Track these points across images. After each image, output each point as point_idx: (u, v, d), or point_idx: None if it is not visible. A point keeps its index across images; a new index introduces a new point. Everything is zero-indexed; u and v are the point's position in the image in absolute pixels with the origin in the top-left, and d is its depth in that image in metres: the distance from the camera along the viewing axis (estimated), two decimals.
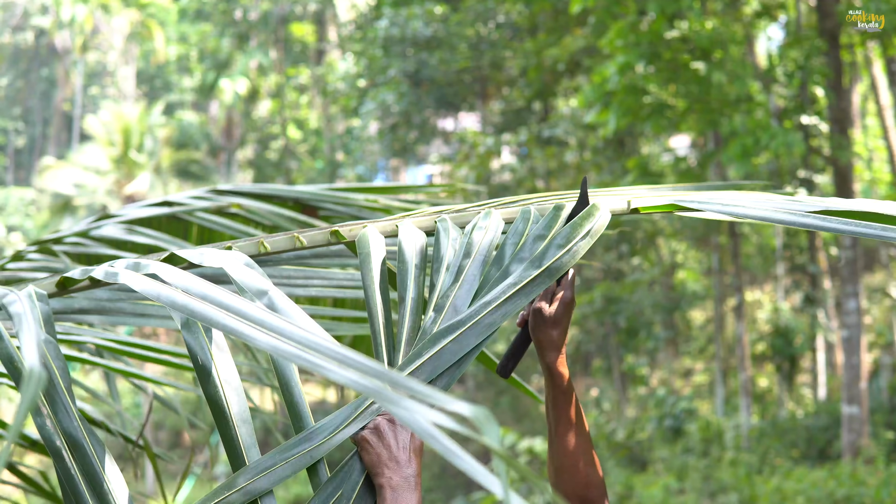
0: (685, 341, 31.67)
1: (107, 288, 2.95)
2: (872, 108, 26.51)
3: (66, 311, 2.95)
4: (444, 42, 27.43)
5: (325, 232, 2.43)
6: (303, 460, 1.91)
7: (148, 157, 40.26)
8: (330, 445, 1.94)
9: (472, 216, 2.47)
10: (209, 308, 1.72)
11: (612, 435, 24.01)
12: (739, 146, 15.52)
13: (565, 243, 2.23)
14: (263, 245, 2.36)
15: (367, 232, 2.36)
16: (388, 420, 2.01)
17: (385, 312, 2.18)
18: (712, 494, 18.69)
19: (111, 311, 2.97)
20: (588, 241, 2.25)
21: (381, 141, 30.73)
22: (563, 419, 2.40)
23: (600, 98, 17.00)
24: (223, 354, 2.10)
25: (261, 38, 41.37)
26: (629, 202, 2.43)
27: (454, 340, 2.05)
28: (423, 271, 2.29)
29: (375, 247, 2.31)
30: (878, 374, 21.78)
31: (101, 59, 59.41)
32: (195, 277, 1.86)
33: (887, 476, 15.55)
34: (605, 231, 2.31)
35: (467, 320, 2.08)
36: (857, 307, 17.52)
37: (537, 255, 2.21)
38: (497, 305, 2.11)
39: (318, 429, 1.95)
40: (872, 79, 20.76)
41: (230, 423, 2.01)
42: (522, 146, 26.60)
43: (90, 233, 4.14)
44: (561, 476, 2.41)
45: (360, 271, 2.26)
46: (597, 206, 2.35)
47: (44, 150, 58.14)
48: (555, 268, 2.18)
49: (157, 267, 1.96)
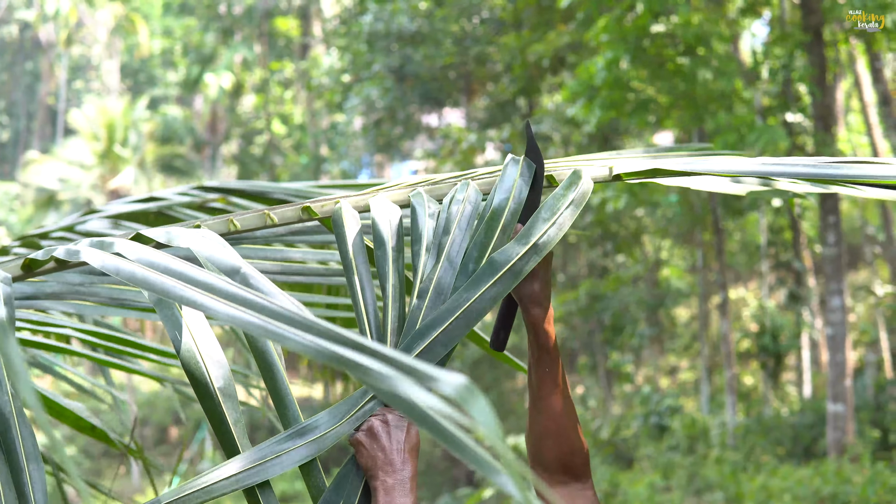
0: (670, 338, 31.72)
1: (79, 271, 2.89)
2: (856, 104, 26.53)
3: (38, 295, 2.87)
4: (429, 37, 27.37)
5: (297, 208, 2.37)
6: (295, 456, 1.87)
7: (132, 151, 40.19)
8: (324, 444, 1.90)
9: (448, 188, 2.41)
10: (169, 280, 1.64)
11: (598, 432, 24.02)
12: (723, 143, 15.52)
13: (551, 216, 2.16)
14: (233, 223, 2.30)
15: (342, 209, 2.29)
16: (381, 421, 1.97)
17: (371, 298, 2.13)
18: (698, 492, 18.69)
19: (86, 294, 2.89)
20: (573, 210, 2.18)
21: (366, 136, 30.66)
22: (547, 380, 2.29)
23: (585, 92, 16.97)
24: (203, 329, 2.04)
25: (245, 32, 41.31)
26: (611, 168, 2.36)
27: (444, 331, 2.00)
28: (402, 252, 2.23)
29: (350, 225, 2.25)
30: (862, 372, 21.81)
31: (85, 53, 59.23)
32: (159, 252, 1.79)
33: (873, 474, 15.56)
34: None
35: (455, 308, 2.02)
36: (842, 305, 17.51)
37: (523, 231, 2.14)
38: (486, 289, 2.04)
39: (309, 425, 1.91)
40: (856, 76, 20.76)
41: (214, 398, 1.96)
42: (506, 142, 26.56)
43: (75, 228, 4.12)
44: (545, 442, 2.31)
45: (339, 251, 2.21)
46: (578, 174, 2.29)
47: (28, 144, 57.95)
48: (542, 243, 2.11)
49: (121, 244, 1.89)
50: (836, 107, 18.72)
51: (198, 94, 42.62)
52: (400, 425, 1.97)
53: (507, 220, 2.23)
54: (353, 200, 2.34)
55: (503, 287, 2.05)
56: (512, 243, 2.11)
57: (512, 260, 2.07)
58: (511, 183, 2.30)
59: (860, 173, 2.18)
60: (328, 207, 2.35)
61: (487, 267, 2.08)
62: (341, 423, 1.92)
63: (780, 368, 24.48)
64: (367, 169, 36.66)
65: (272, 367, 1.98)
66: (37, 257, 2.12)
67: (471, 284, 2.06)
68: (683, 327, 31.65)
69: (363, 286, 2.13)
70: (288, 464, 1.85)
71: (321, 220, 2.37)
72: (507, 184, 2.31)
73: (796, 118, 18.79)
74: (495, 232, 2.19)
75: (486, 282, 2.05)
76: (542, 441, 2.29)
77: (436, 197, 2.38)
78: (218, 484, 1.81)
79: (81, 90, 58.71)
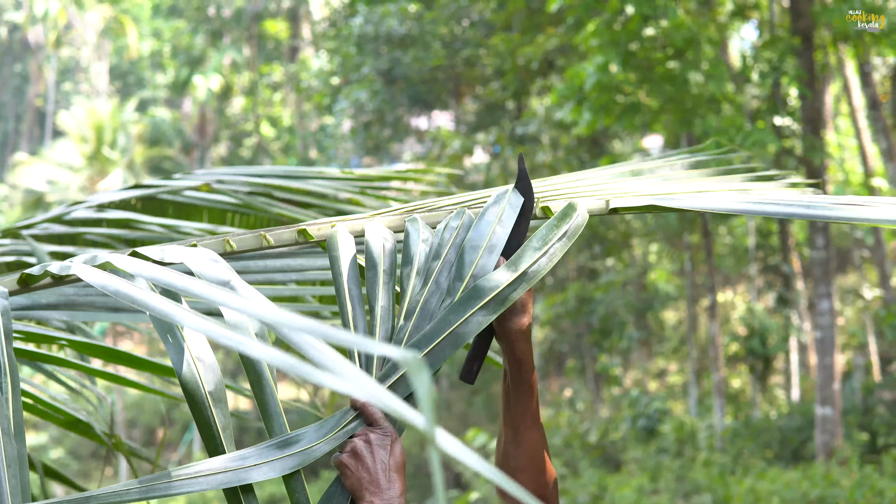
0: (658, 342, 31.75)
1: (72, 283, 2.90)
2: (845, 108, 26.59)
3: (34, 306, 2.87)
4: (418, 40, 27.38)
5: (293, 230, 2.37)
6: (278, 466, 1.86)
7: (121, 153, 40.17)
8: (308, 458, 1.89)
9: (444, 216, 2.40)
10: (157, 299, 1.62)
11: (586, 435, 24.02)
12: (713, 146, 15.51)
13: (542, 245, 2.16)
14: (230, 244, 2.30)
15: (337, 233, 2.29)
16: (363, 441, 1.97)
17: (360, 316, 2.13)
18: (686, 495, 18.70)
19: (81, 305, 2.90)
20: (565, 242, 2.18)
21: (355, 139, 30.64)
22: (527, 415, 2.29)
23: (574, 95, 16.98)
24: (197, 338, 2.02)
25: (234, 34, 41.30)
26: (608, 201, 2.36)
27: (429, 353, 2.02)
28: (393, 276, 2.23)
29: (345, 248, 2.24)
30: (851, 376, 21.82)
31: (74, 55, 59.12)
32: (147, 264, 1.80)
33: (861, 477, 15.57)
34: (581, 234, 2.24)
35: (440, 331, 2.03)
36: (831, 308, 17.54)
37: (513, 258, 2.14)
38: (472, 313, 2.05)
39: (294, 437, 1.90)
40: (845, 80, 20.82)
41: (205, 403, 1.94)
42: (495, 144, 26.58)
43: (62, 218, 4.15)
44: (521, 475, 2.29)
45: (332, 273, 2.20)
46: (573, 206, 2.28)
47: (16, 146, 57.84)
48: (532, 272, 2.11)
49: (110, 257, 1.91)
50: (825, 110, 18.76)
51: (187, 97, 42.60)
52: (383, 444, 1.97)
53: (491, 245, 2.22)
54: (349, 224, 2.35)
55: (489, 312, 2.06)
56: (501, 269, 2.12)
57: (499, 287, 2.08)
58: (499, 211, 2.30)
59: (854, 216, 2.18)
60: (324, 230, 2.35)
61: (473, 291, 2.08)
62: (324, 440, 1.92)
63: (768, 372, 24.51)
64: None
65: (261, 377, 1.97)
66: (33, 272, 2.11)
67: (456, 307, 2.07)
68: (672, 330, 31.69)
69: (353, 306, 2.14)
70: (269, 472, 1.85)
71: (317, 242, 2.37)
72: (495, 211, 2.31)
73: (785, 122, 18.82)
74: (477, 255, 2.19)
75: (473, 306, 2.06)
76: (517, 475, 2.29)
77: (431, 223, 2.38)
78: (196, 479, 1.79)
79: (70, 92, 58.60)
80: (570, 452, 23.14)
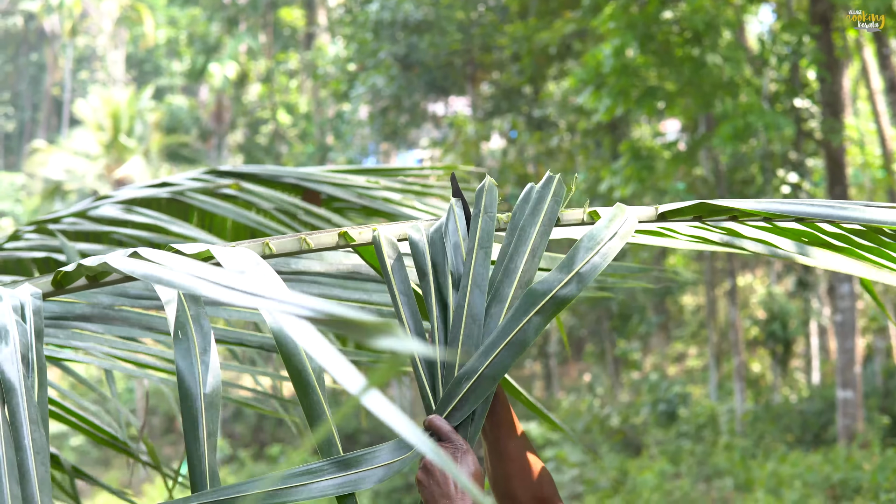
0: (677, 326, 31.71)
1: (109, 292, 2.87)
2: (863, 92, 26.47)
3: (67, 316, 2.86)
4: (435, 25, 27.33)
5: (334, 234, 2.33)
6: (336, 489, 1.84)
7: (138, 141, 40.19)
8: (369, 481, 1.87)
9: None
10: (187, 278, 1.59)
11: (607, 420, 24.02)
12: (730, 128, 15.52)
13: (593, 245, 2.11)
14: (269, 246, 2.28)
15: (380, 238, 2.26)
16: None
17: (416, 325, 2.13)
18: (707, 479, 18.69)
19: (115, 319, 2.88)
20: (617, 241, 2.13)
21: (372, 125, 30.63)
22: (503, 425, 2.29)
23: (592, 80, 16.96)
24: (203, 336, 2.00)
25: (250, 22, 41.27)
26: (657, 208, 2.33)
27: (490, 364, 2.02)
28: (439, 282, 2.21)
29: (389, 254, 2.22)
30: (871, 359, 21.78)
31: (90, 44, 59.22)
32: (180, 256, 1.79)
33: (883, 460, 15.54)
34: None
35: (499, 340, 2.02)
36: (851, 291, 17.50)
37: (565, 259, 2.09)
38: (528, 319, 2.03)
39: (354, 458, 1.88)
40: (863, 63, 20.71)
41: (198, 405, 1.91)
42: (511, 130, 26.54)
43: (88, 213, 4.12)
44: (513, 482, 2.30)
45: (385, 280, 2.19)
46: (622, 208, 2.26)
47: (33, 135, 58.01)
48: (585, 271, 2.06)
49: (142, 250, 1.89)
50: (844, 93, 18.65)
51: (203, 84, 42.56)
52: (454, 457, 2.01)
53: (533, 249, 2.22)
54: (390, 228, 2.32)
55: (545, 316, 2.03)
56: (554, 271, 2.08)
57: (553, 289, 2.04)
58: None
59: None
60: (366, 234, 2.33)
61: (529, 297, 2.05)
62: (388, 463, 1.90)
63: (788, 355, 24.46)
64: (373, 157, 36.62)
65: (307, 386, 1.92)
66: (67, 270, 2.10)
67: (515, 314, 2.04)
68: (691, 315, 31.64)
69: (405, 310, 2.13)
70: (344, 487, 1.84)
71: (357, 246, 2.36)
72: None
73: (804, 104, 18.74)
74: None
75: (529, 311, 2.03)
76: (510, 482, 2.29)
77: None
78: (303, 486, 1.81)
79: (86, 81, 58.71)
80: (591, 437, 23.14)
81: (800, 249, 2.32)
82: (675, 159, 20.15)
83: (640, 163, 18.67)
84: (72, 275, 2.14)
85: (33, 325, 1.87)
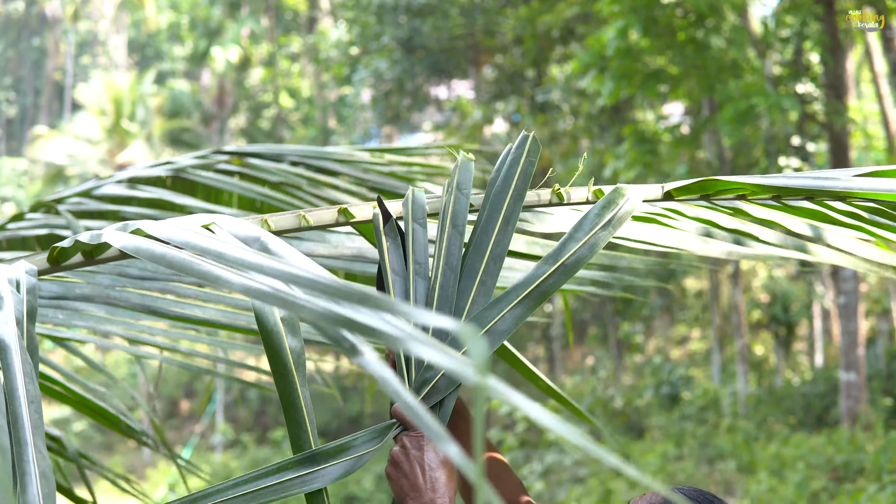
0: (680, 309, 31.71)
1: (109, 273, 2.86)
2: (866, 75, 26.43)
3: (67, 296, 2.85)
4: (437, 9, 27.28)
5: (333, 211, 2.29)
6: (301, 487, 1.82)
7: (140, 126, 40.19)
8: (331, 476, 1.84)
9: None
10: (186, 256, 1.57)
11: (610, 402, 24.04)
12: (733, 110, 15.52)
13: (582, 236, 2.06)
14: (267, 223, 2.25)
15: (379, 215, 2.24)
16: (399, 447, 1.99)
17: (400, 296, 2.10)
18: (710, 461, 18.72)
19: (116, 300, 2.87)
20: (609, 231, 2.09)
21: (374, 108, 30.61)
22: (468, 442, 2.32)
23: (596, 63, 16.95)
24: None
25: (252, 5, 41.16)
26: (663, 186, 2.30)
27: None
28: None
29: (388, 232, 2.20)
30: (875, 341, 21.79)
31: (92, 28, 59.13)
32: (180, 228, 1.76)
33: (886, 442, 15.54)
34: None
35: (477, 329, 1.93)
36: (854, 273, 17.50)
37: (554, 250, 2.05)
38: (510, 308, 1.98)
39: (323, 452, 1.85)
40: (867, 46, 20.67)
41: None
42: (515, 113, 26.51)
43: (92, 192, 4.13)
44: (495, 485, 2.36)
45: (377, 251, 2.18)
46: (621, 192, 2.19)
47: (35, 120, 57.93)
48: (570, 263, 2.02)
49: (141, 223, 1.87)
50: (847, 76, 18.63)
51: (205, 68, 42.48)
52: (419, 445, 1.98)
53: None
54: (390, 205, 2.27)
55: (528, 307, 1.97)
56: (540, 262, 2.04)
57: (537, 280, 2.00)
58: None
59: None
60: (366, 211, 2.30)
61: (512, 287, 2.01)
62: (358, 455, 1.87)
63: (791, 338, 24.50)
64: (376, 141, 36.60)
65: (283, 368, 1.90)
66: (63, 245, 2.04)
67: (493, 304, 1.99)
68: (693, 298, 31.64)
69: (396, 290, 2.11)
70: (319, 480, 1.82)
71: (356, 224, 2.32)
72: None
73: (807, 88, 18.72)
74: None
75: (510, 301, 1.99)
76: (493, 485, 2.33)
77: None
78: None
79: (88, 65, 58.64)
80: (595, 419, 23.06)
81: (812, 230, 2.32)
82: (678, 143, 20.15)
83: (644, 146, 18.66)
84: (68, 251, 2.10)
85: (25, 304, 1.80)
